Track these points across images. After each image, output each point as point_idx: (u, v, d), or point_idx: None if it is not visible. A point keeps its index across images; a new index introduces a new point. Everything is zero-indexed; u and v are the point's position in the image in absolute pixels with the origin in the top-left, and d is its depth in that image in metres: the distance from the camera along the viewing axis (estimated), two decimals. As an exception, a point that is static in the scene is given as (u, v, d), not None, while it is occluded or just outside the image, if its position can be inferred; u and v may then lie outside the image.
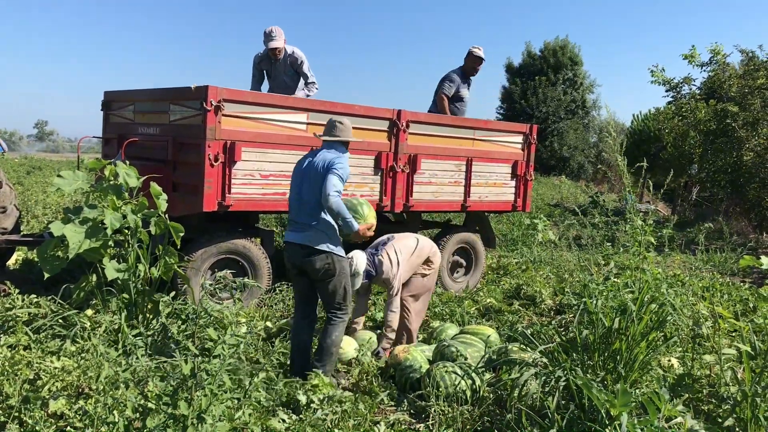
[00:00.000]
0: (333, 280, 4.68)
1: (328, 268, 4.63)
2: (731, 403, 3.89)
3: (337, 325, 4.76)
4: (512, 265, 9.49)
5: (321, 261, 4.60)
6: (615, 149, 4.73)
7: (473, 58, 8.60)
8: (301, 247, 4.63)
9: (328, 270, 4.64)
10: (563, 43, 34.69)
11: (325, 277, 4.66)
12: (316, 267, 4.61)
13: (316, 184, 4.56)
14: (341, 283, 4.73)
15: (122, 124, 7.33)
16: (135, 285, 5.09)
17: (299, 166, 4.81)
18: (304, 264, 4.65)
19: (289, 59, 7.45)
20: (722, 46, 15.32)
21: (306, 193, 4.65)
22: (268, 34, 7.22)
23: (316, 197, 4.57)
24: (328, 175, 4.51)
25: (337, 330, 4.75)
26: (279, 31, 7.25)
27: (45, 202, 12.72)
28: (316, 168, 4.62)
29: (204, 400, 3.23)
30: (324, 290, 4.74)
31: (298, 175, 4.77)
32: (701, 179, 17.69)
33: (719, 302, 6.67)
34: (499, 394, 4.47)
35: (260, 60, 7.46)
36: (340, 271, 4.71)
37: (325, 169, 4.55)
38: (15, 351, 4.18)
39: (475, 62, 8.62)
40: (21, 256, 7.94)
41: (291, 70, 7.49)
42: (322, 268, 4.62)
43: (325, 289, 4.73)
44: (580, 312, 4.56)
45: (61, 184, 5.27)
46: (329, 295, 4.74)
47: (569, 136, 33.14)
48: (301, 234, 4.64)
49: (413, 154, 7.47)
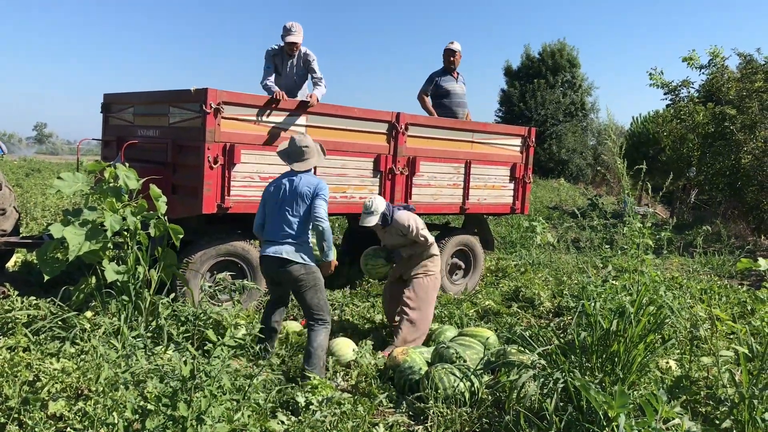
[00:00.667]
0: (309, 290, 4.92)
1: (304, 279, 4.88)
2: (729, 405, 3.91)
3: (319, 331, 4.95)
4: (511, 268, 9.51)
5: (296, 271, 4.85)
6: (615, 152, 4.75)
7: (445, 51, 8.74)
8: (278, 260, 4.87)
9: (304, 280, 4.88)
10: (561, 45, 34.73)
11: (301, 288, 4.90)
12: (293, 277, 4.86)
13: (302, 206, 4.89)
14: (317, 294, 4.96)
15: (122, 127, 7.34)
16: (134, 287, 5.10)
17: (278, 190, 4.99)
18: (281, 275, 4.91)
19: (303, 57, 7.46)
20: (721, 49, 15.35)
21: (288, 213, 4.90)
22: (288, 28, 7.21)
23: (299, 217, 4.89)
24: (317, 200, 4.89)
25: (320, 336, 4.93)
26: (299, 27, 7.25)
27: (44, 204, 12.73)
28: (300, 191, 4.90)
29: (203, 401, 3.24)
30: (302, 300, 4.98)
31: (277, 198, 4.97)
32: (699, 182, 17.71)
33: (717, 305, 6.69)
34: (497, 396, 4.48)
35: (274, 54, 7.44)
36: (315, 282, 4.95)
37: (314, 194, 4.90)
38: (14, 353, 4.18)
39: (447, 55, 8.72)
40: (20, 258, 7.94)
41: (302, 70, 7.49)
42: (298, 279, 4.87)
43: (303, 299, 4.96)
44: (578, 314, 4.58)
45: (61, 186, 5.29)
46: (308, 305, 4.97)
47: (568, 139, 33.16)
48: (279, 248, 4.87)
49: (412, 156, 7.49)
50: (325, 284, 5.14)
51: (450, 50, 8.70)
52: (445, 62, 8.75)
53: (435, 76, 8.71)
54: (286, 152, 5.09)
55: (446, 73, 8.74)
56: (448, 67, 8.76)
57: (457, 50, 8.70)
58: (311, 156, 5.04)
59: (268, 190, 5.09)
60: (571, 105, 34.26)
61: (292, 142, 5.06)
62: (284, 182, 4.99)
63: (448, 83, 8.67)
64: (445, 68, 8.77)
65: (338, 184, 6.95)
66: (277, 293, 5.21)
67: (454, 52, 8.69)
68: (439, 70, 8.78)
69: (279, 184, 5.00)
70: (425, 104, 8.64)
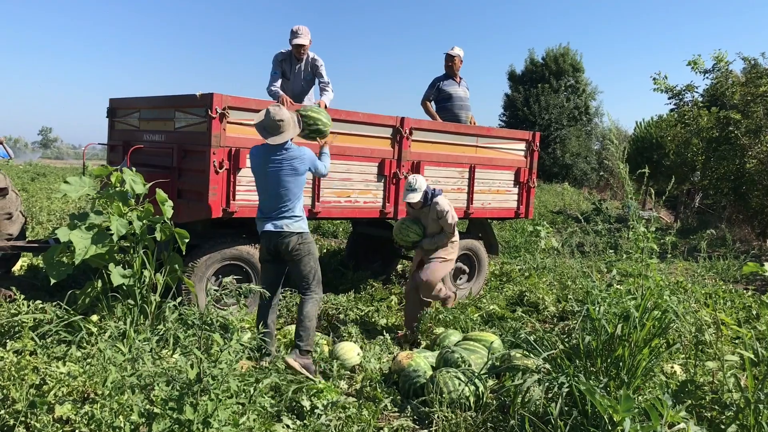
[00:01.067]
0: (305, 258, 5.26)
1: (300, 248, 5.22)
2: (734, 409, 3.90)
3: (309, 300, 5.30)
4: (515, 272, 9.51)
5: (294, 241, 5.19)
6: (617, 157, 4.75)
7: (445, 57, 8.82)
8: (277, 234, 5.20)
9: (300, 249, 5.22)
10: (565, 50, 34.78)
11: (299, 255, 5.23)
12: (290, 247, 5.19)
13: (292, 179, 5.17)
14: (312, 263, 5.32)
15: (127, 131, 7.38)
16: (140, 291, 5.13)
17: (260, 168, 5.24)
18: (279, 245, 5.21)
19: (310, 62, 7.48)
20: (726, 53, 15.34)
21: (274, 191, 5.18)
22: (295, 31, 7.22)
23: (290, 191, 5.18)
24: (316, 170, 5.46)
25: (309, 304, 5.28)
26: (305, 30, 7.27)
27: (49, 209, 12.76)
28: (283, 169, 5.15)
29: (209, 404, 3.26)
30: (297, 270, 5.31)
31: (261, 176, 5.24)
32: (704, 186, 17.70)
33: (722, 309, 6.68)
34: (502, 401, 4.48)
35: (282, 59, 7.45)
36: (310, 251, 5.31)
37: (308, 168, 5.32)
38: (21, 356, 4.20)
39: (447, 60, 8.79)
40: (26, 262, 7.97)
41: (309, 75, 7.50)
42: (295, 248, 5.20)
43: (299, 269, 5.30)
44: (582, 318, 4.58)
45: (68, 190, 5.31)
46: (303, 275, 5.31)
47: (572, 143, 33.18)
48: (276, 223, 5.20)
49: (416, 161, 7.51)
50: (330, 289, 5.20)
51: (449, 55, 8.76)
52: (447, 67, 8.81)
53: (437, 81, 8.76)
54: (262, 125, 5.22)
55: (448, 77, 8.80)
56: (450, 71, 8.81)
57: (456, 55, 8.75)
58: (287, 129, 5.16)
59: (253, 162, 5.33)
60: (575, 109, 34.28)
61: (267, 114, 5.17)
62: (266, 159, 5.18)
63: (450, 87, 8.71)
64: (447, 73, 8.83)
65: (342, 189, 6.97)
66: (268, 274, 5.44)
67: (453, 57, 8.75)
68: (441, 75, 8.84)
69: (259, 162, 5.22)
70: (428, 110, 8.71)
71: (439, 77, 8.81)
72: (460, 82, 8.82)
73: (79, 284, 5.91)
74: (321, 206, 6.78)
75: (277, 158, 5.14)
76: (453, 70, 8.79)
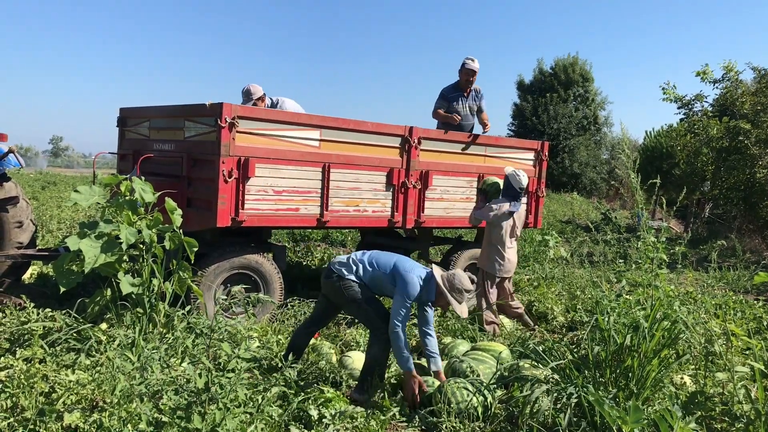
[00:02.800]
0: (350, 304, 4.98)
1: (337, 291, 4.97)
2: (744, 421, 3.87)
3: (374, 344, 4.90)
4: (524, 282, 9.48)
5: (333, 283, 4.99)
6: (628, 166, 4.75)
7: (465, 70, 8.39)
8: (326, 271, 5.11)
9: (337, 292, 4.97)
10: (574, 60, 34.81)
11: (338, 300, 5.04)
12: (329, 288, 5.05)
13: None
14: (361, 308, 4.94)
15: (137, 140, 7.42)
16: (149, 299, 5.14)
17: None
18: (324, 285, 5.11)
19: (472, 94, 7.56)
20: (735, 63, 15.32)
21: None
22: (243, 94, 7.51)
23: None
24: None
25: (374, 347, 4.89)
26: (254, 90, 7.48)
27: (60, 217, 12.84)
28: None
29: (218, 413, 3.26)
30: (351, 314, 5.35)
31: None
32: (714, 196, 17.63)
33: (732, 320, 6.63)
34: (510, 411, 4.47)
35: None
36: (352, 297, 4.93)
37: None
38: (31, 364, 4.22)
39: (467, 75, 8.41)
40: (36, 271, 8.01)
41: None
42: (331, 291, 5.04)
43: (351, 313, 5.26)
44: (591, 329, 4.56)
45: (78, 199, 5.34)
46: (357, 318, 5.23)
47: (581, 153, 33.14)
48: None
49: (425, 170, 7.51)
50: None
51: (471, 70, 8.38)
52: (462, 80, 8.44)
53: (450, 96, 8.47)
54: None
55: (459, 90, 8.49)
56: (465, 85, 8.45)
57: (477, 70, 8.43)
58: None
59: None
60: (584, 119, 34.24)
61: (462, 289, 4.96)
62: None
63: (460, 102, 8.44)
64: (461, 86, 8.48)
65: (351, 198, 6.98)
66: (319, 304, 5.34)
67: (474, 72, 8.42)
68: (453, 88, 8.52)
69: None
70: (441, 117, 8.42)
71: (452, 90, 8.50)
72: (469, 94, 8.53)
73: (89, 293, 5.93)
74: (330, 215, 6.78)
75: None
76: (469, 84, 8.45)
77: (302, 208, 6.58)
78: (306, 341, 5.32)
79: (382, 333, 4.82)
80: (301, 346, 5.27)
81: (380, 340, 4.84)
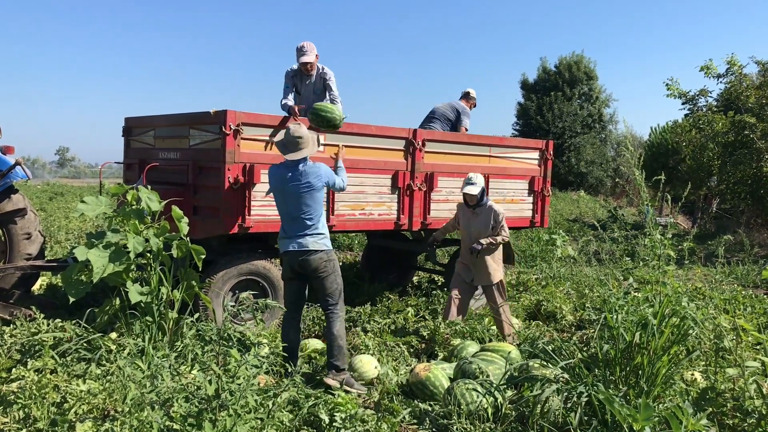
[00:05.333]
0: (330, 276, 5.23)
1: (326, 265, 5.19)
2: (756, 416, 3.86)
3: (336, 319, 5.26)
4: (532, 282, 9.46)
5: (319, 259, 5.16)
6: (633, 163, 4.74)
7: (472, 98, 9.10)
8: (301, 253, 5.17)
9: (327, 266, 5.19)
10: (578, 58, 34.71)
11: (324, 273, 5.20)
12: (314, 266, 5.16)
13: (312, 197, 5.15)
14: (336, 280, 5.28)
15: (143, 149, 7.45)
16: (158, 308, 5.16)
17: (278, 186, 5.22)
18: (303, 264, 5.17)
19: (320, 75, 7.51)
20: (738, 57, 15.29)
21: (295, 209, 5.16)
22: (300, 49, 7.27)
23: (311, 208, 5.16)
24: (334, 185, 5.43)
25: (337, 323, 5.24)
26: (311, 46, 7.30)
27: (68, 228, 12.90)
28: (300, 187, 5.11)
29: (228, 420, 3.27)
30: (323, 288, 5.25)
31: (280, 195, 5.24)
32: (721, 191, 17.57)
33: (742, 315, 6.61)
34: (521, 411, 4.46)
35: (293, 75, 7.51)
36: (334, 267, 5.27)
37: (325, 183, 5.26)
38: (42, 375, 4.24)
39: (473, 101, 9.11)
40: (45, 281, 8.05)
41: (320, 88, 7.54)
42: (320, 266, 5.17)
43: (323, 286, 5.25)
44: (600, 327, 4.55)
45: (85, 210, 5.37)
46: (329, 293, 5.26)
47: (586, 151, 33.03)
48: (299, 241, 5.17)
49: (430, 172, 7.52)
50: (347, 302, 5.21)
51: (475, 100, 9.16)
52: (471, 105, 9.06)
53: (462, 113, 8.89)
54: (282, 142, 5.25)
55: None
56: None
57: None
58: (306, 146, 5.18)
59: (272, 181, 5.30)
60: (589, 117, 34.15)
61: (287, 132, 5.21)
62: (283, 177, 5.17)
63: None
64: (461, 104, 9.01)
65: (357, 202, 6.99)
66: (291, 291, 5.41)
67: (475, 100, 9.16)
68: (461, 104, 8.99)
69: (282, 177, 5.18)
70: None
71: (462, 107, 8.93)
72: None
73: (98, 302, 5.95)
74: (336, 219, 6.80)
75: (294, 175, 5.12)
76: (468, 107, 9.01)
77: (308, 213, 6.58)
78: (297, 335, 5.42)
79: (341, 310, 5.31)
80: (294, 341, 5.37)
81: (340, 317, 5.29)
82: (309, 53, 7.26)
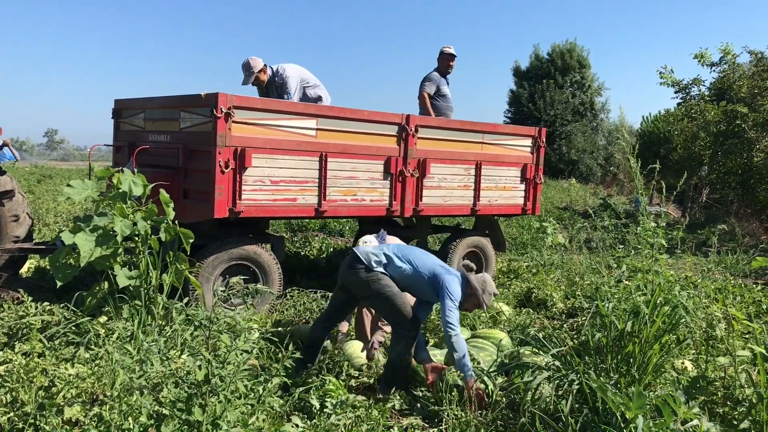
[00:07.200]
0: (376, 298, 4.77)
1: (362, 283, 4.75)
2: (746, 405, 3.87)
3: (398, 340, 4.74)
4: (522, 269, 9.47)
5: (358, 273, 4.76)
6: (627, 152, 4.72)
7: (445, 56, 8.82)
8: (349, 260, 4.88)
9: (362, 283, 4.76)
10: (571, 46, 34.69)
11: (361, 292, 4.83)
12: (352, 279, 4.81)
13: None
14: (388, 302, 4.74)
15: (133, 132, 7.37)
16: (147, 292, 5.11)
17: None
18: (347, 276, 4.86)
19: (276, 83, 7.49)
20: (732, 47, 15.28)
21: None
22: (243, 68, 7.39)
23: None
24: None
25: (398, 345, 4.73)
26: (254, 63, 7.34)
27: (56, 210, 12.80)
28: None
29: (218, 406, 3.24)
30: (375, 308, 5.10)
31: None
32: (711, 181, 17.62)
33: (732, 304, 6.63)
34: (512, 398, 4.46)
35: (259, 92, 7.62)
36: (379, 290, 4.73)
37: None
38: (30, 358, 4.20)
39: (448, 59, 8.83)
40: (33, 264, 7.98)
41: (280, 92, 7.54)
42: (355, 282, 4.80)
43: (376, 307, 5.05)
44: (592, 315, 4.55)
45: (71, 193, 5.30)
46: (382, 313, 4.99)
47: (578, 139, 33.09)
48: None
49: (422, 158, 7.48)
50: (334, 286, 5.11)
51: (451, 55, 8.81)
52: (444, 66, 8.83)
53: (437, 79, 8.76)
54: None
55: (444, 75, 8.85)
56: (446, 71, 8.85)
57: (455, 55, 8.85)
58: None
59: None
60: (581, 105, 34.18)
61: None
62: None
63: (446, 87, 8.84)
64: (443, 72, 8.85)
65: (349, 187, 6.95)
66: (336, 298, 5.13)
67: (454, 57, 8.83)
68: (437, 72, 8.82)
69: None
70: (427, 104, 8.65)
71: (435, 74, 8.78)
72: (448, 81, 8.93)
73: (87, 286, 5.90)
74: (327, 205, 6.75)
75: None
76: (449, 70, 8.87)
77: (300, 198, 6.55)
78: (323, 335, 5.10)
79: (407, 330, 4.70)
80: (319, 339, 5.07)
81: (404, 337, 4.71)
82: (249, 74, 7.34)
